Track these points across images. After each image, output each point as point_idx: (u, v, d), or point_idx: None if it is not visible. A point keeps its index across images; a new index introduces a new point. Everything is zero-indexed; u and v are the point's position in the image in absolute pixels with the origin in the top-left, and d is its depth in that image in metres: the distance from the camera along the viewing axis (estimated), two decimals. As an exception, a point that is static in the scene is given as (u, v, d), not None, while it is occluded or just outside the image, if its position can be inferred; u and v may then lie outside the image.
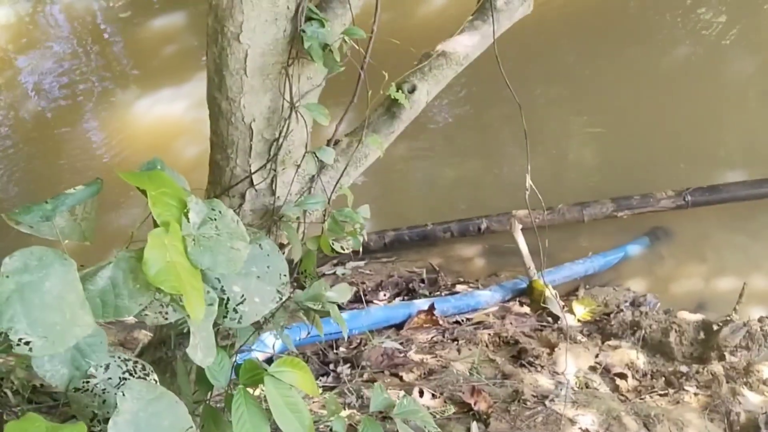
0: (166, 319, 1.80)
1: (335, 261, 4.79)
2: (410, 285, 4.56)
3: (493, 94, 5.24)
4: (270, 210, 2.30)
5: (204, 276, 1.77)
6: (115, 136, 5.90)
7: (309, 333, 3.55)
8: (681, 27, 5.89)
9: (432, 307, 4.08)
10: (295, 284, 2.41)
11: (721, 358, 3.91)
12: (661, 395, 3.66)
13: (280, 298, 2.04)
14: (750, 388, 3.70)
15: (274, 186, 2.29)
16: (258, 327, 2.29)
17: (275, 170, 2.26)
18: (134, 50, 6.64)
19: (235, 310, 1.93)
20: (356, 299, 4.40)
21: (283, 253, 2.34)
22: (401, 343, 3.84)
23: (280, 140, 2.21)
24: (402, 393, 3.23)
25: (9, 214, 1.72)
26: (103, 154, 5.82)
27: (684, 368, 3.88)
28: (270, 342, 3.32)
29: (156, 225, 1.66)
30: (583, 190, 4.93)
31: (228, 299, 1.91)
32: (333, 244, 2.25)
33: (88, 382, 1.75)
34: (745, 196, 4.67)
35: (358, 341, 3.82)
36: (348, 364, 3.58)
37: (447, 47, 2.47)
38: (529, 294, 4.36)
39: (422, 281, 4.62)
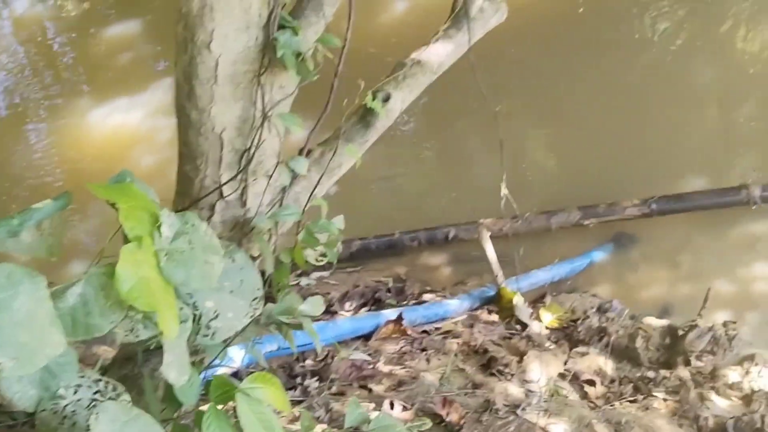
0: (138, 336, 1.74)
1: (299, 271, 4.72)
2: (376, 295, 4.51)
3: (461, 102, 5.25)
4: (241, 222, 2.25)
5: (176, 292, 1.72)
6: (70, 148, 5.79)
7: (279, 347, 3.53)
8: (644, 36, 5.92)
9: (400, 317, 4.04)
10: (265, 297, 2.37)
11: (687, 363, 3.93)
12: (630, 401, 3.66)
13: (254, 314, 1.99)
14: (717, 393, 3.72)
15: (244, 197, 2.24)
16: (228, 342, 2.23)
17: (246, 181, 2.21)
18: (88, 60, 6.52)
19: (208, 326, 1.88)
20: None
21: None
22: (370, 355, 3.80)
23: (252, 150, 2.16)
24: (372, 406, 3.21)
25: (-28, 232, 1.65)
26: (56, 167, 5.69)
27: (651, 374, 3.88)
28: (237, 356, 3.25)
29: (127, 240, 1.61)
30: (550, 198, 4.92)
31: (200, 315, 1.85)
32: (307, 256, 2.20)
33: (57, 403, 1.69)
34: (709, 204, 4.69)
35: (326, 353, 3.76)
36: (316, 377, 3.53)
37: (421, 56, 2.45)
38: (498, 302, 4.34)
39: (389, 291, 4.57)
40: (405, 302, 4.44)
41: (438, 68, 2.47)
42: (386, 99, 2.38)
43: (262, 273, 2.26)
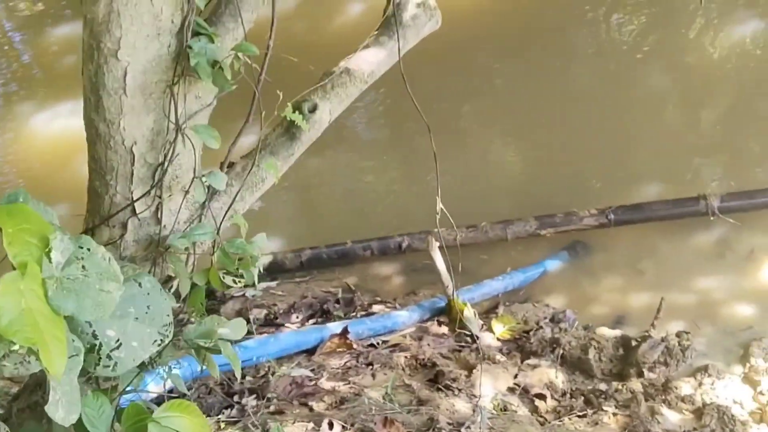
0: (28, 369, 1.61)
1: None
2: (325, 306, 4.38)
3: (414, 108, 5.15)
4: (156, 240, 2.12)
5: (71, 321, 1.60)
6: (11, 153, 5.62)
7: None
8: (598, 43, 5.84)
9: (345, 331, 3.92)
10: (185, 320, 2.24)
11: (640, 374, 3.85)
12: (579, 416, 3.56)
13: (163, 341, 1.87)
14: (669, 406, 3.65)
15: (159, 214, 2.11)
16: (143, 368, 2.10)
17: (160, 197, 2.08)
18: (35, 61, 6.35)
19: (109, 357, 1.75)
20: (267, 323, 4.21)
21: (171, 288, 2.16)
22: (312, 370, 3.67)
23: (165, 165, 2.03)
24: (311, 425, 3.09)
25: None
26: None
27: (603, 386, 3.80)
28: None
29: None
30: (507, 207, 4.83)
31: (100, 345, 1.72)
32: (224, 277, 2.07)
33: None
34: (667, 215, 4.61)
35: (267, 369, 3.62)
36: (254, 395, 3.39)
37: (350, 64, 2.33)
38: (448, 313, 4.23)
39: (337, 302, 4.45)
40: (354, 313, 4.31)
41: (369, 77, 2.35)
42: (313, 109, 2.26)
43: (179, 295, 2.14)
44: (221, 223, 2.12)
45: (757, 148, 5.08)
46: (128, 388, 2.20)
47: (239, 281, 2.07)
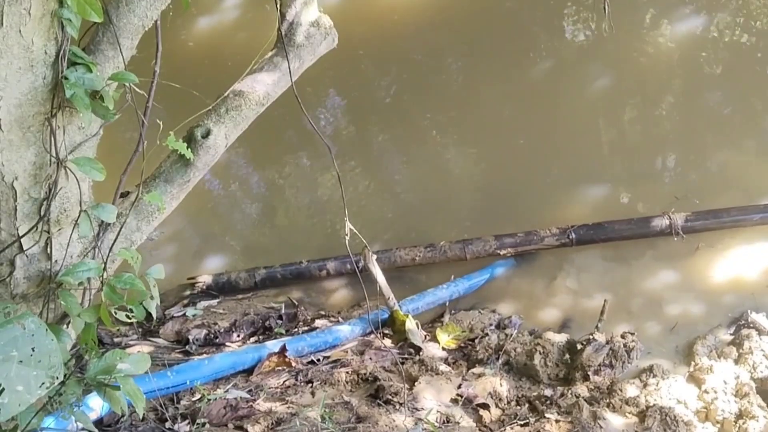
0: None
1: (185, 301, 4.52)
2: (267, 323, 4.32)
3: (374, 116, 5.12)
4: (47, 276, 2.05)
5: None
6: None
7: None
8: (559, 50, 5.75)
9: (284, 349, 3.85)
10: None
11: (586, 378, 3.81)
12: (521, 425, 3.51)
13: (52, 382, 1.79)
14: (613, 410, 3.60)
15: (49, 250, 2.03)
16: (42, 407, 2.03)
17: (48, 232, 2.01)
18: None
19: (-9, 403, 1.68)
20: (207, 343, 4.14)
21: (67, 325, 2.09)
22: (249, 391, 3.60)
23: (49, 199, 1.97)
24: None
25: None
26: None
27: (549, 392, 3.76)
28: (96, 404, 3.05)
29: None
30: (465, 225, 4.80)
31: (-22, 393, 1.66)
32: (116, 313, 2.00)
33: None
34: (629, 234, 4.51)
35: (201, 394, 3.55)
36: (187, 420, 3.32)
37: (243, 86, 2.27)
38: (391, 325, 4.18)
39: (280, 317, 4.39)
40: (296, 329, 4.26)
41: (265, 99, 2.29)
42: (206, 134, 2.20)
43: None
44: (108, 257, 2.05)
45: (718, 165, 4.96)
46: (35, 430, 2.13)
47: (132, 317, 2.00)
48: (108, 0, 1.98)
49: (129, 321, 2.00)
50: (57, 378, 1.82)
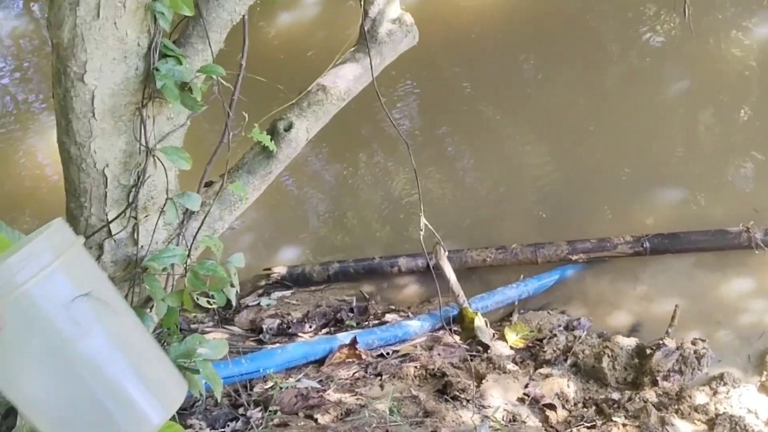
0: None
1: (260, 291, 4.61)
2: (338, 315, 4.39)
3: (445, 116, 5.12)
4: (133, 261, 2.13)
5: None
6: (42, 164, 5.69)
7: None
8: (634, 52, 5.66)
9: (354, 341, 3.91)
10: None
11: (654, 383, 3.78)
12: (588, 428, 3.51)
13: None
14: (681, 416, 3.57)
15: (135, 235, 2.11)
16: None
17: (136, 218, 2.09)
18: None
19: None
20: (280, 332, 4.22)
21: (150, 309, 2.17)
22: (320, 381, 3.67)
23: (138, 186, 2.04)
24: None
25: None
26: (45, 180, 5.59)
27: (616, 395, 3.74)
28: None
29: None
30: (534, 228, 4.76)
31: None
32: (198, 299, 2.07)
33: None
34: (705, 246, 4.41)
35: (275, 381, 3.63)
36: (259, 408, 3.40)
37: (326, 81, 2.32)
38: (460, 322, 4.20)
39: (351, 310, 4.45)
40: (367, 323, 4.31)
41: (346, 94, 2.34)
42: (288, 128, 2.25)
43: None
44: (192, 244, 2.12)
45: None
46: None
47: (213, 303, 2.07)
48: (199, -5, 2.05)
49: (210, 306, 2.07)
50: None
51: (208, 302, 2.08)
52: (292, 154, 2.30)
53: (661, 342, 3.89)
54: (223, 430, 3.28)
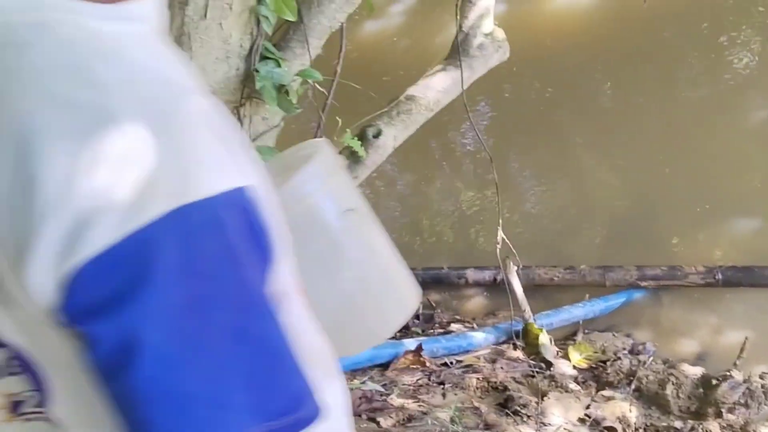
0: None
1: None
2: (405, 321, 4.43)
3: (519, 134, 5.15)
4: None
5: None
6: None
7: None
8: (716, 76, 5.58)
9: (420, 348, 3.95)
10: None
11: (719, 415, 3.74)
12: (650, 454, 3.50)
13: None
14: (746, 451, 3.54)
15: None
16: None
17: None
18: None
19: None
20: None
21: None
22: (384, 385, 3.71)
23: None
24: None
25: None
26: None
27: (678, 424, 3.71)
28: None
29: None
30: (601, 250, 4.77)
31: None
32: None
33: None
34: None
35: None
36: (324, 405, 3.45)
37: (416, 91, 2.36)
38: (524, 337, 4.21)
39: (417, 318, 4.49)
40: (432, 331, 4.35)
41: (434, 105, 2.38)
42: (377, 135, 2.30)
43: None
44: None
45: None
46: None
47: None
48: (301, 0, 2.12)
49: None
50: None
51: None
52: (378, 160, 2.36)
53: (728, 373, 3.85)
54: (286, 425, 3.33)
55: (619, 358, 4.10)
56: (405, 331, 4.37)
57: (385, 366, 3.95)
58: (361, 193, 1.65)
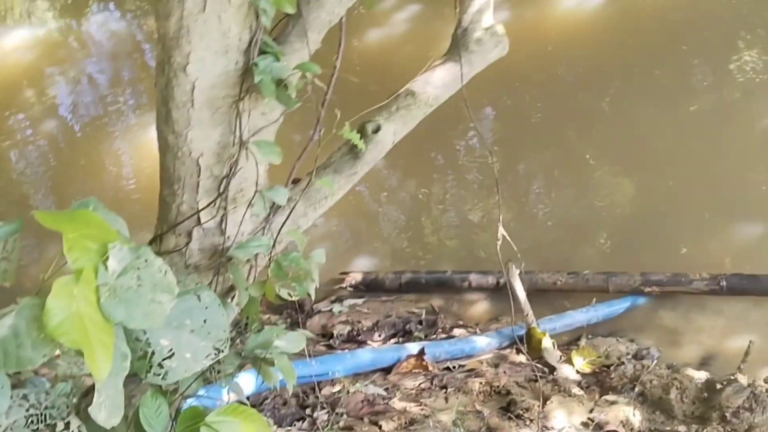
0: (81, 370, 1.68)
1: (333, 298, 4.67)
2: (407, 326, 4.42)
3: (523, 138, 5.12)
4: (219, 250, 2.18)
5: (126, 328, 1.64)
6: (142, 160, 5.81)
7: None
8: (723, 83, 5.57)
9: (422, 352, 3.93)
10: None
11: (723, 419, 3.72)
12: (653, 458, 3.47)
13: (216, 355, 1.90)
14: (749, 454, 3.51)
15: (223, 225, 2.17)
16: (200, 375, 2.16)
17: (225, 208, 2.15)
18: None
19: (160, 365, 1.78)
20: (350, 339, 4.27)
21: (233, 298, 2.22)
22: (386, 389, 3.70)
23: (229, 177, 2.10)
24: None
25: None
26: (129, 178, 5.72)
27: (682, 428, 3.69)
28: (243, 384, 3.19)
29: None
30: (605, 256, 4.76)
31: (153, 353, 1.77)
32: (279, 290, 2.11)
33: (-7, 430, 1.65)
34: None
35: (342, 385, 3.67)
36: (326, 410, 3.44)
37: (416, 87, 2.35)
38: (528, 341, 4.18)
39: (420, 322, 4.47)
40: (435, 335, 4.33)
41: (434, 101, 2.37)
42: (376, 130, 2.29)
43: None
44: (277, 237, 2.17)
45: None
46: (193, 394, 2.26)
47: (293, 294, 2.11)
48: (300, -6, 2.11)
49: (290, 299, 2.11)
50: (222, 351, 1.92)
51: (289, 294, 2.12)
52: (377, 156, 2.35)
53: (732, 378, 3.83)
54: (289, 428, 3.33)
55: (623, 363, 4.08)
56: (407, 336, 4.36)
57: (387, 370, 3.94)
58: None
